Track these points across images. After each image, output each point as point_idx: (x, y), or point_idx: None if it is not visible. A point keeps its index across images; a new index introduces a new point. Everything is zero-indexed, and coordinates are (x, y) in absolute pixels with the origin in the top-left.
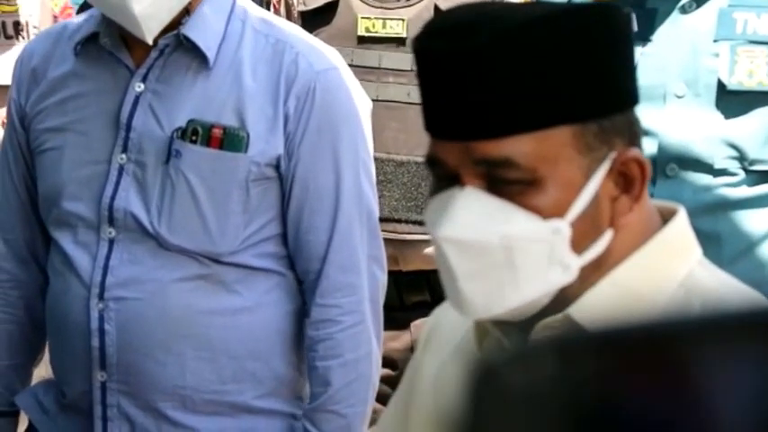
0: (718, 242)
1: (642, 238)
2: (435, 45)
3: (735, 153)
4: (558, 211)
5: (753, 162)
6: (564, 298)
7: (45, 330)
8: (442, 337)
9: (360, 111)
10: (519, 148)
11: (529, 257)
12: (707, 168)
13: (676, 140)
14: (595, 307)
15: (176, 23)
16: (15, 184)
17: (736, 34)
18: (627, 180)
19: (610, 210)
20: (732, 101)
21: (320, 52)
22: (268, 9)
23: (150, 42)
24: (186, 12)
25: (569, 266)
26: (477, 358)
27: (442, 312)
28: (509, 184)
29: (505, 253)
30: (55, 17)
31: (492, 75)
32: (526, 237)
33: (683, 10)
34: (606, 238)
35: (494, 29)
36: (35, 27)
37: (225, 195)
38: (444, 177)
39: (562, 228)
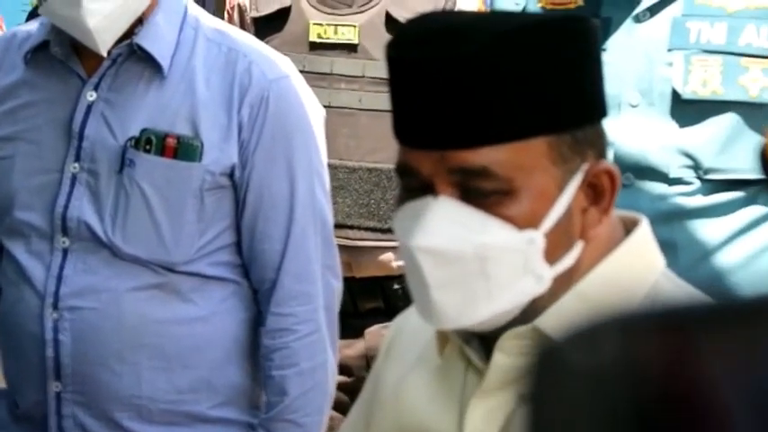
0: (675, 251)
1: (606, 248)
2: (412, 53)
3: (690, 162)
4: (533, 222)
5: (708, 171)
6: (532, 309)
7: None
8: (404, 346)
9: (313, 119)
10: (496, 157)
11: (503, 267)
12: (662, 177)
13: (632, 150)
14: (561, 318)
15: (129, 32)
16: None
17: (690, 43)
18: (596, 192)
19: (580, 221)
20: (686, 110)
21: (273, 61)
22: (222, 15)
23: (104, 54)
24: (139, 21)
25: (542, 277)
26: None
27: (403, 321)
28: (484, 195)
29: (480, 263)
30: None
31: (471, 84)
32: (501, 246)
33: (637, 19)
34: (577, 249)
35: (472, 39)
36: None
37: (179, 205)
38: (415, 187)
39: (536, 238)
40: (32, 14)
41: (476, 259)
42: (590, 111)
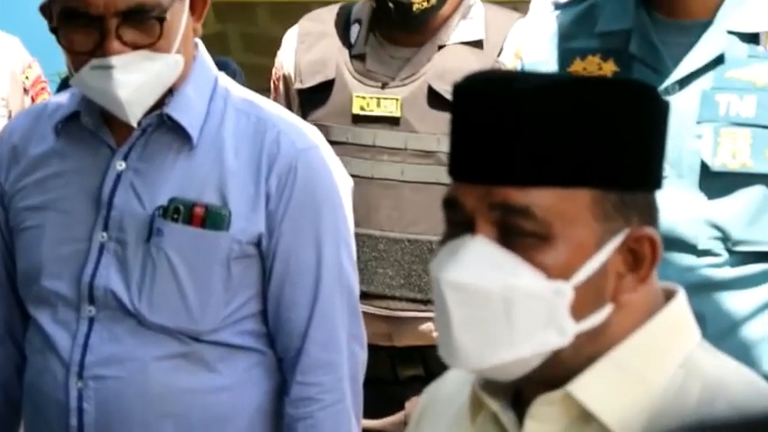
0: (703, 322)
1: (643, 316)
2: (477, 88)
3: (719, 234)
4: (564, 273)
5: (736, 243)
6: (557, 368)
7: (20, 410)
8: (436, 412)
9: (341, 189)
10: (539, 199)
11: (527, 314)
12: (691, 249)
13: (660, 221)
14: (596, 386)
15: (160, 103)
16: None
17: (719, 116)
18: (636, 258)
19: (614, 284)
20: (715, 182)
21: (301, 130)
22: (268, 88)
23: (135, 125)
24: (169, 91)
25: (565, 331)
26: None
27: (436, 388)
28: (522, 237)
29: (504, 305)
30: (26, 90)
31: (527, 123)
32: (527, 291)
33: (667, 92)
34: (606, 311)
35: (536, 82)
36: (3, 99)
37: (206, 274)
38: (459, 223)
39: (565, 290)
40: (64, 83)
41: (501, 301)
42: (642, 176)
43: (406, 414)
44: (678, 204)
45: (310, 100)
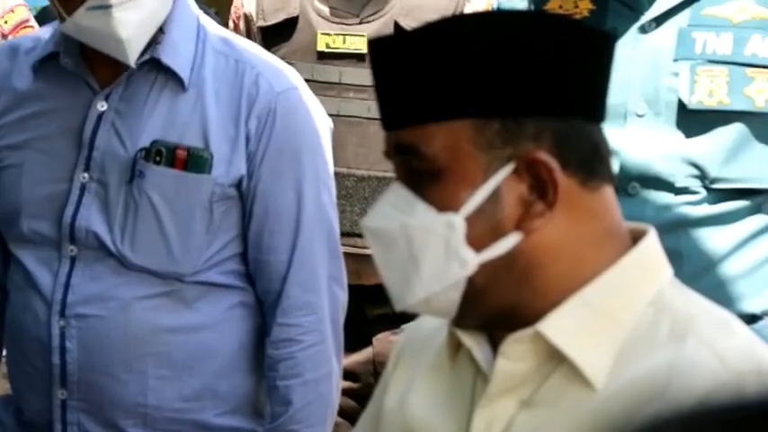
0: (680, 260)
1: (613, 257)
2: (372, 44)
3: (696, 171)
4: (453, 205)
5: (714, 180)
6: (520, 310)
7: (1, 348)
8: (414, 354)
9: (320, 130)
10: (422, 137)
11: (427, 249)
12: (668, 187)
13: (637, 159)
14: (565, 324)
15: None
16: None
17: (696, 54)
18: (541, 185)
19: (519, 212)
20: (692, 120)
21: (280, 72)
22: (226, 24)
23: (134, 65)
24: (160, 29)
25: (466, 261)
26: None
27: (413, 329)
28: (418, 176)
29: (407, 244)
30: (4, 35)
31: (399, 66)
32: (422, 227)
33: (643, 30)
34: (512, 239)
35: (413, 29)
36: None
37: (188, 216)
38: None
39: (455, 221)
40: (41, 16)
41: (404, 240)
42: (528, 103)
43: (374, 352)
44: (655, 142)
45: (273, 38)
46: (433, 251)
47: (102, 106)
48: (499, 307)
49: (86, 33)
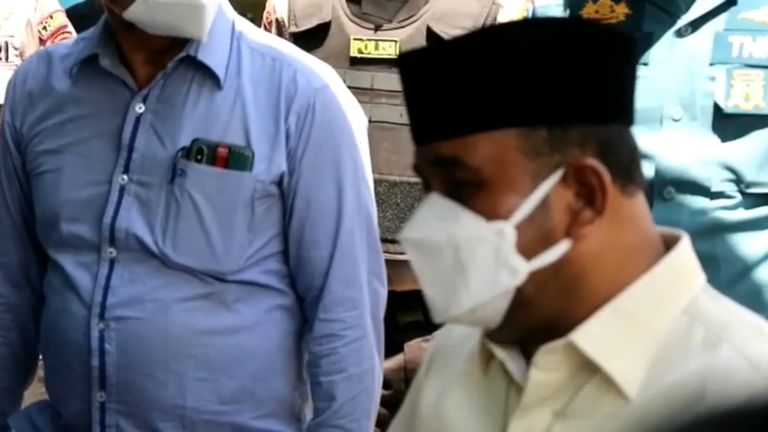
0: (716, 265)
1: (646, 264)
2: (401, 58)
3: (731, 176)
4: (502, 214)
5: (749, 185)
6: (565, 320)
7: (37, 354)
8: (445, 361)
9: (357, 126)
10: (465, 148)
11: (475, 258)
12: (704, 191)
13: (673, 164)
14: (597, 334)
15: (180, 44)
16: (9, 207)
17: (732, 58)
18: (589, 191)
19: (567, 219)
20: (728, 124)
21: (317, 69)
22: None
23: (204, 38)
24: None
25: (517, 269)
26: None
27: (445, 335)
28: (461, 186)
29: (454, 254)
30: (42, 41)
31: (435, 79)
32: (470, 237)
33: (679, 34)
34: (562, 247)
35: (448, 40)
36: (15, 48)
37: (230, 214)
38: (425, 185)
39: (505, 229)
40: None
41: (451, 250)
42: (572, 110)
43: (406, 359)
44: (691, 147)
45: (305, 43)
46: (482, 261)
47: (139, 108)
48: (543, 317)
49: (159, 11)
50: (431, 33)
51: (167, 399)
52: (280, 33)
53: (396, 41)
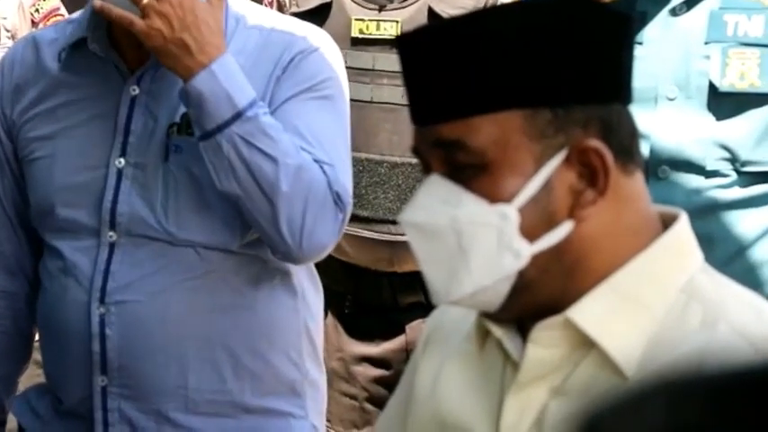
0: (711, 244)
1: (644, 243)
2: (401, 39)
3: (727, 155)
4: (506, 197)
5: (745, 163)
6: (561, 301)
7: (31, 342)
8: (442, 339)
9: (344, 82)
10: (467, 130)
11: (478, 241)
12: (699, 170)
13: (668, 143)
14: (595, 311)
15: None
16: (1, 196)
17: (727, 36)
18: (591, 172)
19: (570, 200)
20: (723, 103)
21: (309, 35)
22: None
23: None
24: None
25: (520, 253)
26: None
27: (441, 313)
28: (463, 169)
29: (456, 237)
30: (35, 23)
31: (436, 60)
32: (473, 220)
33: (674, 12)
34: (565, 228)
35: (448, 20)
36: (8, 30)
37: None
38: (425, 166)
39: (509, 212)
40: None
41: (452, 233)
42: (578, 89)
43: (407, 340)
44: (686, 125)
45: None
46: (485, 244)
47: (134, 90)
48: (544, 299)
49: None
50: (432, 13)
51: (169, 380)
52: (280, 13)
53: (397, 22)
